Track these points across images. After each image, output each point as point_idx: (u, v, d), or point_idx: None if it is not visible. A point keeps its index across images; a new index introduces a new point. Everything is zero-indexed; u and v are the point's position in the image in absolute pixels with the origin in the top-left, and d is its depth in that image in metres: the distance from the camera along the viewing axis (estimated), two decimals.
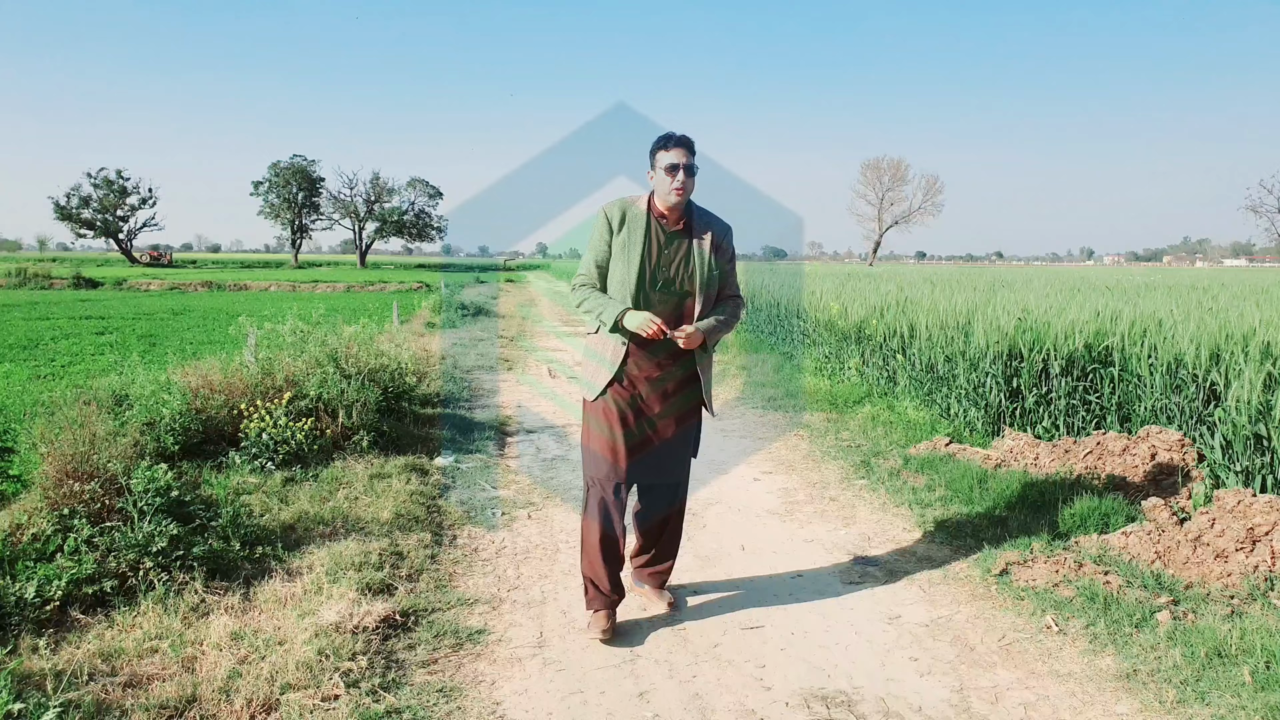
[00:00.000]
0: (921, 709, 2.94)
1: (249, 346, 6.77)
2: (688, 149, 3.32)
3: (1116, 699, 2.96)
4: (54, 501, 3.86)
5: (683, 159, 3.30)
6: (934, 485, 5.38)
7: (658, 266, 3.37)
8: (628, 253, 3.35)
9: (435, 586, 3.91)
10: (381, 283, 39.52)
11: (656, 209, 3.39)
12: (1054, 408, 6.37)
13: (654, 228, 3.37)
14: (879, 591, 3.98)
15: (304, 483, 5.19)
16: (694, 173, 3.33)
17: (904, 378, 8.14)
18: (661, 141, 3.34)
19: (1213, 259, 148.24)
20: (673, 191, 3.30)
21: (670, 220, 3.39)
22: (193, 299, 27.79)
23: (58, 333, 14.56)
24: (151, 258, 67.30)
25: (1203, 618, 3.36)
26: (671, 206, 3.35)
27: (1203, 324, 5.76)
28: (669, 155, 3.30)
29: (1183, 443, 5.06)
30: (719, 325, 3.43)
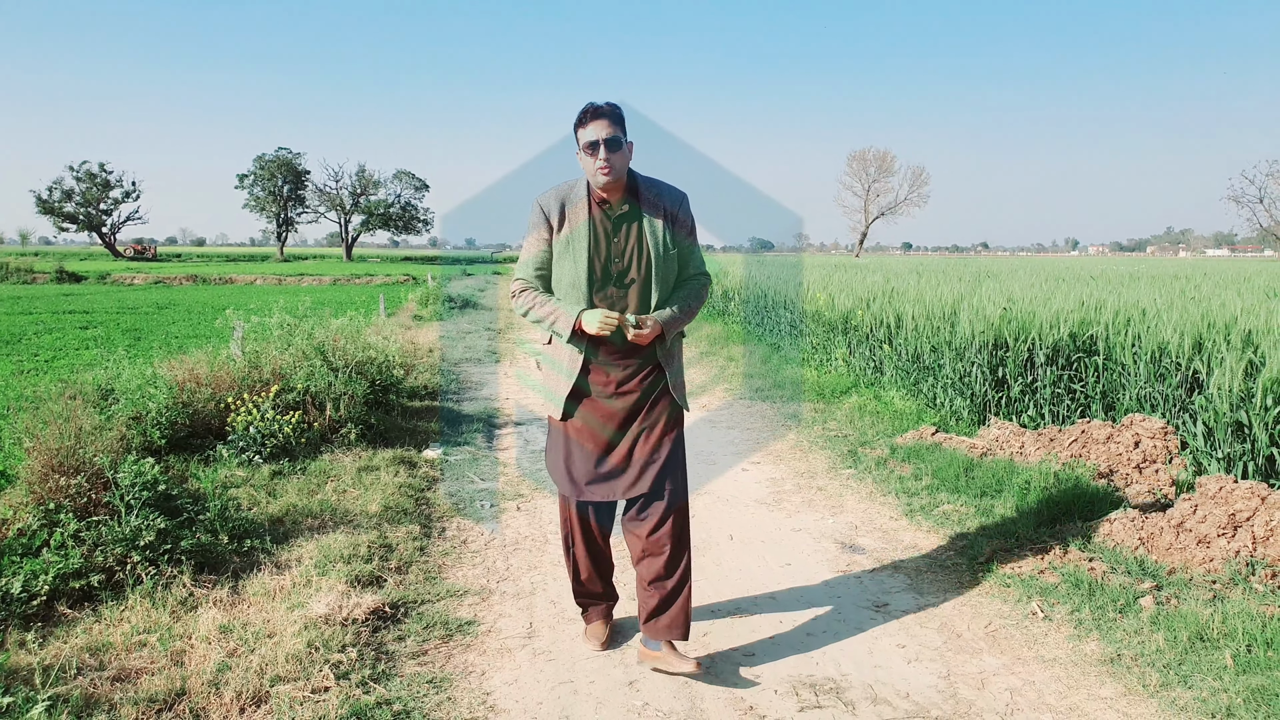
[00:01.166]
0: (909, 695, 2.97)
1: (235, 340, 6.74)
2: (610, 119, 2.88)
3: (1101, 683, 3.00)
4: (40, 496, 3.84)
5: (603, 132, 2.86)
6: (920, 474, 5.42)
7: (609, 259, 2.98)
8: (573, 249, 2.97)
9: (424, 578, 3.92)
10: (368, 275, 39.37)
11: (596, 193, 2.99)
12: (1039, 397, 6.42)
13: (597, 215, 2.98)
14: (866, 579, 4.01)
15: (292, 476, 5.18)
16: (619, 147, 2.88)
17: (890, 368, 8.18)
18: (579, 117, 2.92)
19: (1196, 249, 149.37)
20: (598, 172, 2.89)
21: (613, 202, 2.99)
22: (178, 293, 27.61)
23: (41, 327, 14.45)
24: (135, 251, 66.74)
25: (1185, 603, 3.40)
26: (604, 187, 2.94)
27: (1185, 313, 5.82)
28: (586, 132, 2.89)
29: (1166, 430, 5.12)
30: (679, 314, 3.05)
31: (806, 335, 10.83)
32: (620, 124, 2.92)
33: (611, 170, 2.89)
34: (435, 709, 2.82)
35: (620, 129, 2.92)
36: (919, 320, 7.87)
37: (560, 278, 3.02)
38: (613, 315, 2.89)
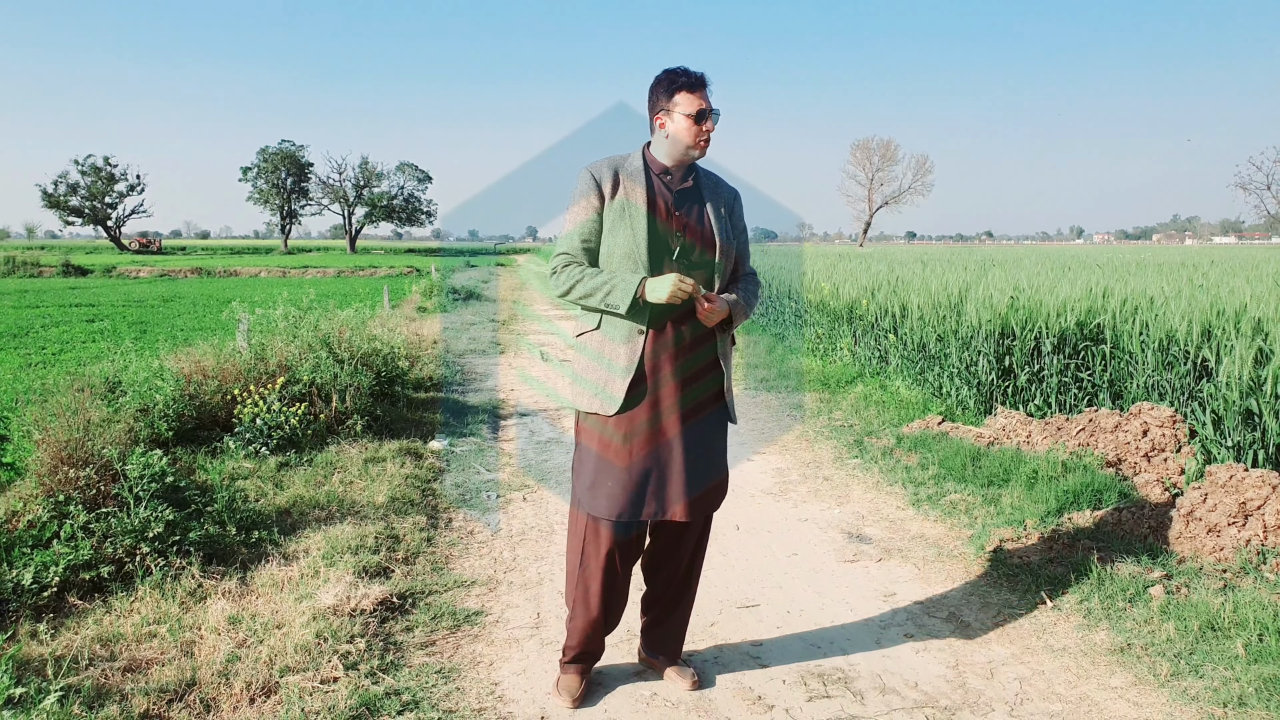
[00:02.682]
0: (918, 684, 2.96)
1: (241, 332, 6.74)
2: (708, 90, 2.70)
3: (1111, 673, 2.99)
4: (49, 488, 3.85)
5: (708, 102, 2.68)
6: (927, 464, 5.41)
7: (670, 231, 2.69)
8: (629, 218, 2.66)
9: (432, 569, 3.92)
10: (372, 267, 39.39)
11: (658, 164, 2.75)
12: (1046, 385, 6.39)
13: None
14: (873, 569, 4.00)
15: (298, 467, 5.19)
16: (717, 120, 2.70)
17: (896, 357, 8.16)
18: (682, 81, 2.67)
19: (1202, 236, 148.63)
20: (699, 142, 2.68)
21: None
22: (183, 285, 27.63)
23: (48, 320, 14.47)
24: (140, 245, 66.82)
25: (1195, 592, 3.39)
26: (692, 160, 2.74)
27: (1194, 301, 5.79)
28: (694, 99, 2.65)
29: (1174, 419, 5.09)
30: (745, 303, 2.80)
31: (811, 325, 10.81)
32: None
33: (709, 144, 2.70)
34: (444, 699, 2.83)
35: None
36: (924, 309, 7.84)
37: (613, 249, 2.68)
38: (688, 280, 2.57)
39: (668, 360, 2.67)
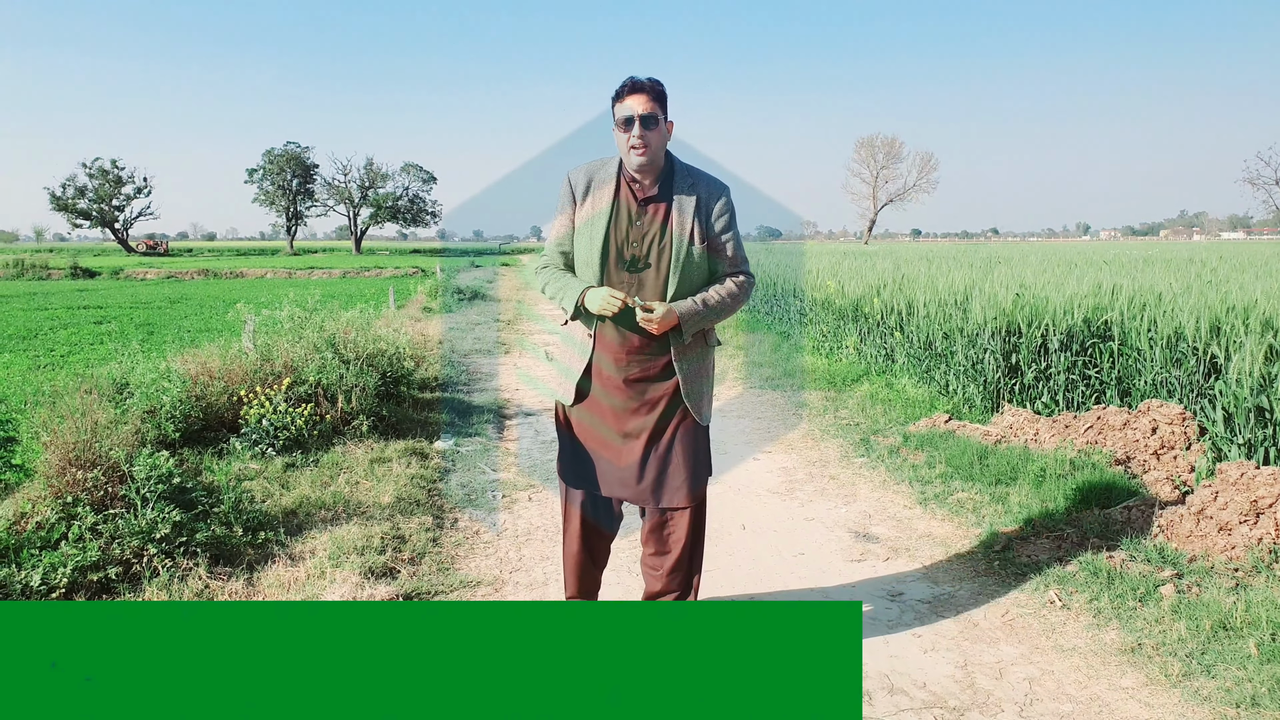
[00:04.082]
0: (926, 685, 2.95)
1: (247, 333, 6.75)
2: (650, 95, 2.71)
3: (1122, 672, 2.97)
4: (57, 490, 3.86)
5: (641, 108, 2.69)
6: (934, 462, 5.39)
7: (626, 241, 2.80)
8: (591, 225, 2.81)
9: (438, 569, 3.92)
10: (377, 268, 39.45)
11: (627, 172, 2.82)
12: (1053, 383, 6.37)
13: (624, 193, 2.81)
14: (881, 569, 3.99)
15: (305, 468, 5.19)
16: (656, 124, 2.72)
17: (902, 355, 8.13)
18: (617, 90, 2.75)
19: (1210, 232, 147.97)
20: (631, 150, 2.72)
21: (644, 184, 2.82)
22: (189, 287, 27.71)
23: (56, 323, 14.53)
24: (148, 247, 67.11)
25: (1207, 591, 3.36)
26: (637, 169, 2.77)
27: (1202, 297, 5.76)
28: (623, 106, 2.72)
29: (1184, 416, 5.06)
30: (702, 307, 2.81)
31: (816, 323, 10.78)
32: (661, 101, 2.75)
33: (647, 149, 2.72)
34: None
35: (660, 107, 2.74)
36: (930, 307, 7.81)
37: (577, 255, 2.87)
38: (618, 294, 2.72)
39: (614, 361, 2.85)
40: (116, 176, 67.78)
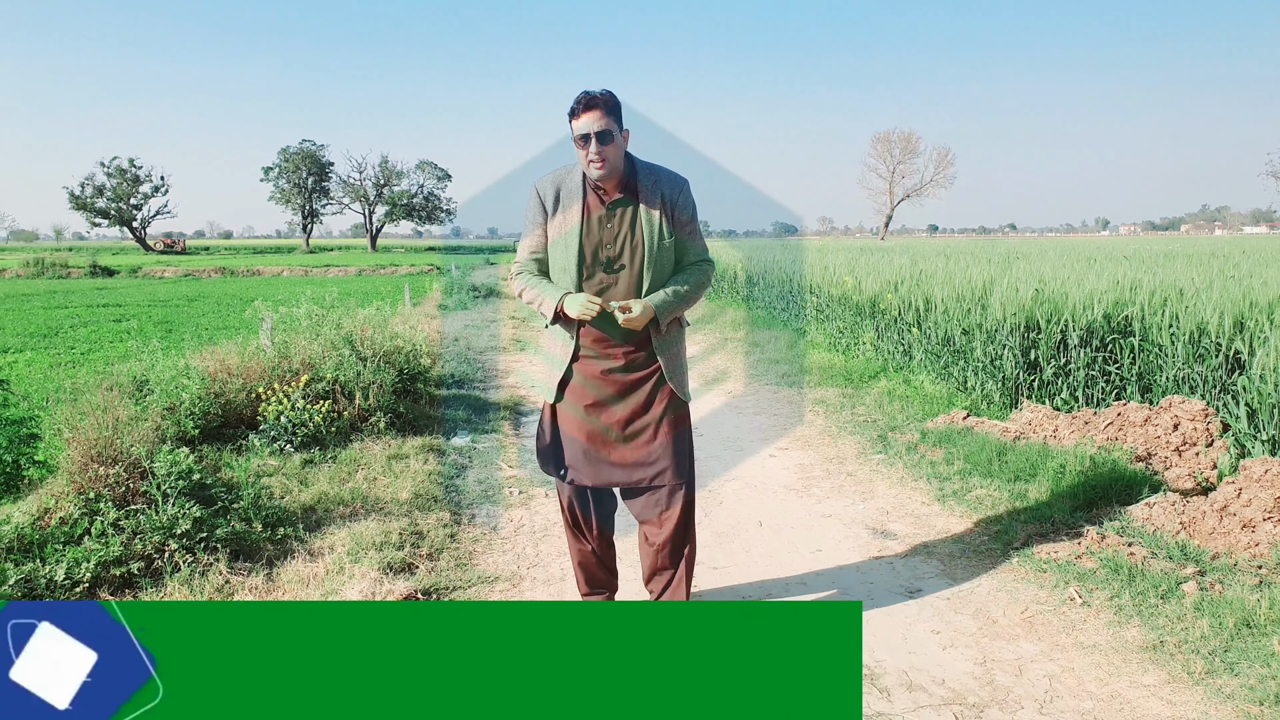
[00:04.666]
0: (945, 681, 2.93)
1: (264, 330, 6.79)
2: (603, 109, 2.83)
3: (1143, 670, 2.95)
4: (80, 485, 3.90)
5: (595, 125, 2.81)
6: (952, 459, 5.36)
7: (600, 245, 2.95)
8: (564, 236, 2.96)
9: (456, 565, 3.93)
10: (393, 266, 39.60)
11: (591, 178, 2.95)
12: (1073, 379, 6.32)
13: (591, 201, 2.95)
14: (899, 565, 3.97)
15: (323, 464, 5.22)
16: (610, 139, 2.84)
17: (919, 351, 8.09)
18: (571, 107, 2.87)
19: (1232, 227, 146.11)
20: (590, 165, 2.86)
21: (608, 190, 2.96)
22: (207, 285, 27.93)
23: (76, 320, 14.68)
24: (165, 245, 67.60)
25: (1230, 588, 3.33)
26: (597, 180, 2.91)
27: (1225, 292, 5.69)
28: (579, 123, 2.84)
29: (1206, 412, 5.01)
30: (674, 298, 2.98)
31: (829, 319, 10.74)
32: (614, 113, 2.88)
33: (605, 164, 2.86)
34: None
35: (614, 119, 2.87)
36: (949, 303, 7.76)
37: (554, 263, 3.02)
38: (595, 300, 2.86)
39: (597, 356, 3.01)
40: (134, 175, 68.34)
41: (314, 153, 75.00)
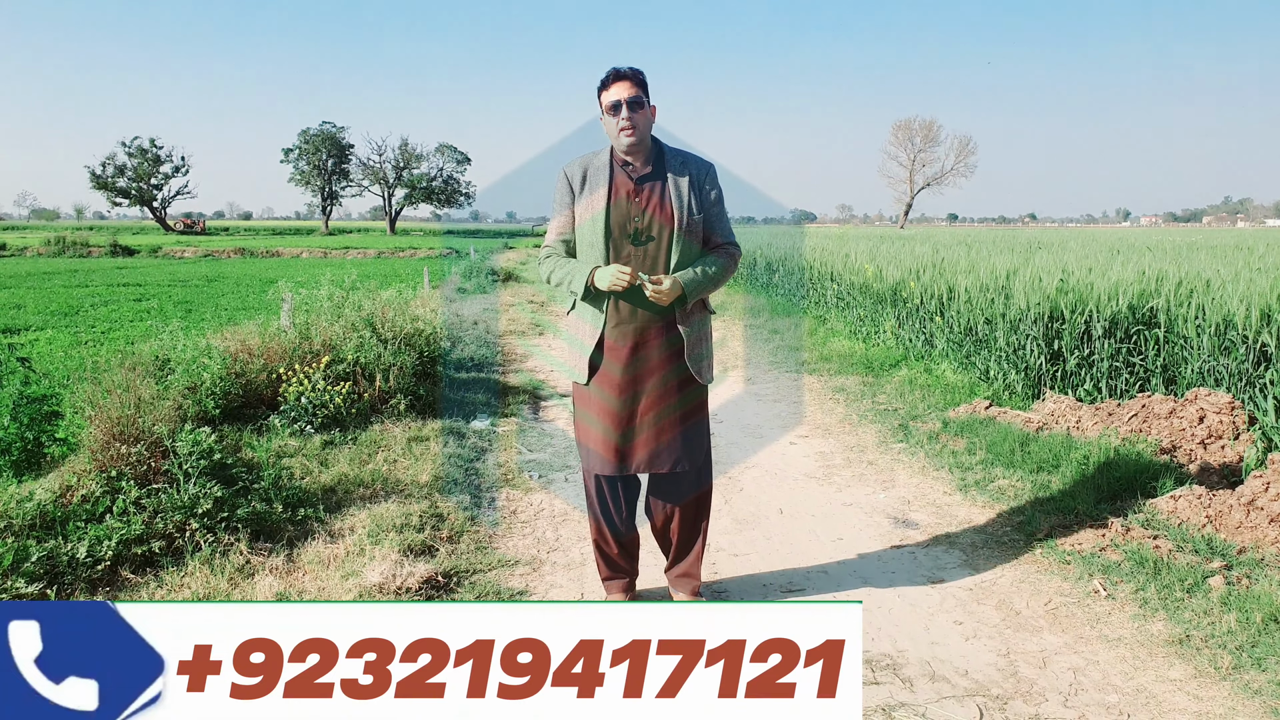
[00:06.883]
0: (968, 672, 2.91)
1: (285, 311, 6.81)
2: (632, 81, 2.95)
3: (1169, 664, 2.91)
4: (102, 464, 3.92)
5: (625, 93, 2.92)
6: (974, 448, 5.31)
7: (628, 216, 2.97)
8: (593, 209, 2.99)
9: (476, 548, 3.93)
10: (412, 249, 39.66)
11: (619, 156, 3.02)
12: (1096, 370, 6.25)
13: (618, 177, 2.99)
14: (920, 555, 3.94)
15: (343, 446, 5.23)
16: (641, 106, 2.94)
17: (942, 340, 8.02)
18: (601, 81, 2.99)
19: (1255, 219, 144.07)
20: (621, 133, 2.93)
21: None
22: (226, 266, 28.09)
23: (97, 300, 14.79)
24: (185, 225, 67.96)
25: (1258, 583, 3.28)
26: (627, 149, 2.97)
27: (1252, 284, 5.60)
28: (609, 94, 2.95)
29: (1233, 405, 4.94)
30: (703, 276, 2.99)
31: (850, 306, 10.67)
32: (643, 87, 2.98)
33: (635, 130, 2.92)
34: None
35: (643, 91, 2.97)
36: (972, 292, 7.69)
37: (581, 240, 3.04)
38: (626, 269, 2.88)
39: (622, 334, 3.01)
40: (155, 155, 68.64)
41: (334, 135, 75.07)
